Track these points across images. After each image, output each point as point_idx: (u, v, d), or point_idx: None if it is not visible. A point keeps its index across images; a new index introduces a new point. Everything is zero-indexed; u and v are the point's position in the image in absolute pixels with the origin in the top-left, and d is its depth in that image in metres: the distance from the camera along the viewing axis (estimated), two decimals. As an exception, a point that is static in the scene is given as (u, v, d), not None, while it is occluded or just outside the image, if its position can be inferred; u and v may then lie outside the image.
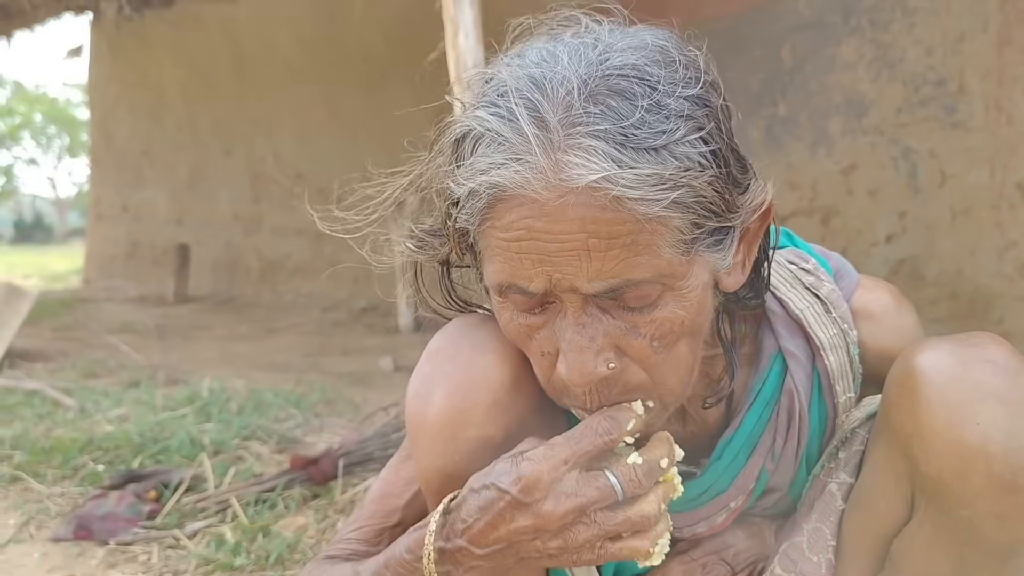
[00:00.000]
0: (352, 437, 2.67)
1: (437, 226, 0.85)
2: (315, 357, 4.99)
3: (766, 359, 0.94)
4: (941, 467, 0.76)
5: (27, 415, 3.35)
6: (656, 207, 0.70)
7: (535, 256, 0.72)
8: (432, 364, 0.88)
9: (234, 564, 1.96)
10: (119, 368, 4.44)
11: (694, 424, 0.95)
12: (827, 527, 0.90)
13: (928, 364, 0.79)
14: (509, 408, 0.85)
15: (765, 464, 0.93)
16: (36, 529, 2.28)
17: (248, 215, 8.60)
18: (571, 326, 0.75)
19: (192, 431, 2.90)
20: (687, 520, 0.96)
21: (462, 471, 0.84)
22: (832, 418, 0.94)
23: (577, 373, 0.75)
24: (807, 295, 0.94)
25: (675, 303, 0.75)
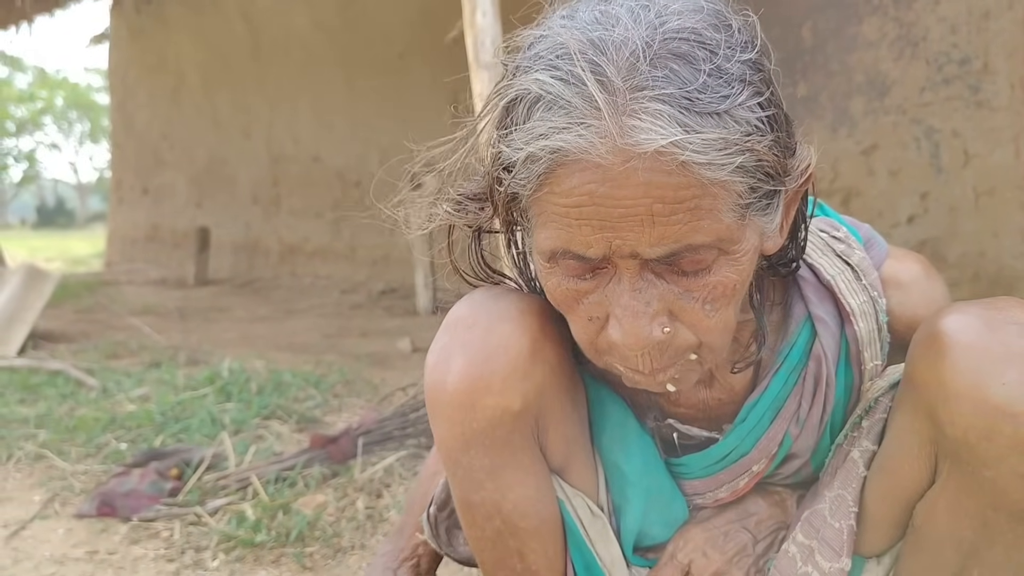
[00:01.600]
0: (371, 417, 2.68)
1: (480, 191, 0.84)
2: (334, 339, 5.01)
3: (795, 324, 0.93)
4: (966, 428, 0.75)
5: (51, 395, 3.39)
6: (722, 172, 0.69)
7: (596, 222, 0.71)
8: (451, 334, 0.88)
9: (255, 540, 1.97)
10: (140, 349, 4.48)
11: (720, 390, 0.94)
12: (849, 494, 0.89)
13: (954, 326, 0.78)
14: (528, 376, 0.84)
15: (789, 429, 0.92)
16: (60, 506, 2.30)
17: (267, 198, 8.64)
18: (627, 291, 0.75)
19: (213, 410, 2.93)
20: (709, 485, 0.96)
21: (480, 438, 0.85)
22: (858, 386, 0.93)
23: (633, 338, 0.75)
24: (838, 262, 0.93)
25: (728, 267, 0.75)
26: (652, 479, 0.94)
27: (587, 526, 0.94)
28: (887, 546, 0.91)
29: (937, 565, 0.85)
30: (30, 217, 46.09)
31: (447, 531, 1.06)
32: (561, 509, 0.93)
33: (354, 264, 7.77)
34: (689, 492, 0.98)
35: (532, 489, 0.89)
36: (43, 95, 39.48)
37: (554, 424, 0.89)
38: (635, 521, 0.95)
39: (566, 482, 0.93)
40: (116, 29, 10.45)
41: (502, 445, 0.86)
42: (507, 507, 0.89)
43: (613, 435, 0.95)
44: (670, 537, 0.97)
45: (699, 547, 0.95)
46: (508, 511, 0.89)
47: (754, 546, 0.95)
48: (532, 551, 0.92)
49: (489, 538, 0.92)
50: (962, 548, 0.82)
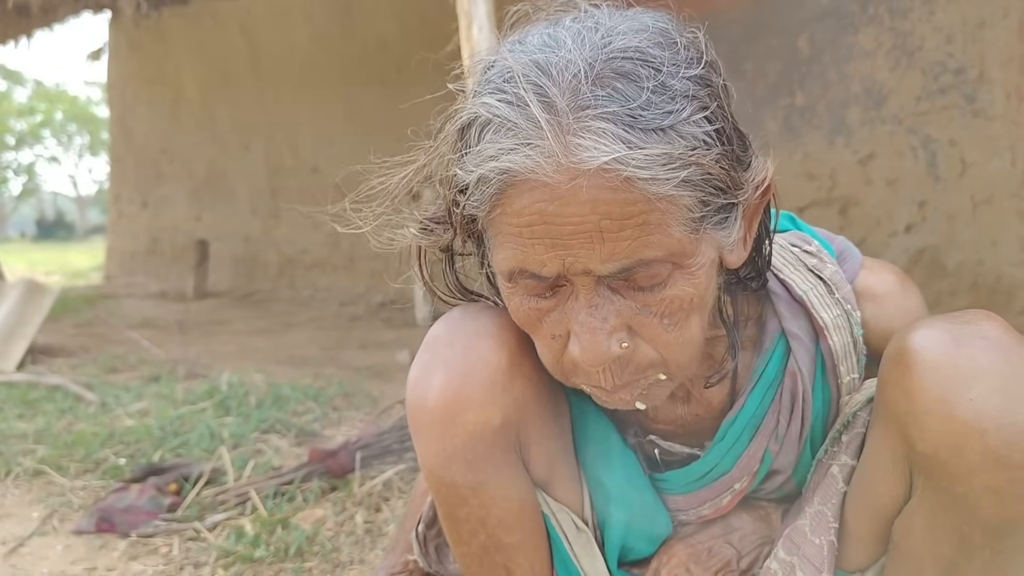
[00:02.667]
0: (370, 430, 2.69)
1: (441, 214, 0.86)
2: (333, 351, 5.02)
3: (769, 341, 0.94)
4: (936, 444, 0.76)
5: (49, 410, 3.40)
6: (667, 186, 0.71)
7: (548, 240, 0.73)
8: (431, 351, 0.90)
9: (254, 556, 1.98)
10: (140, 363, 4.49)
11: (698, 406, 0.95)
12: (829, 510, 0.90)
13: (921, 342, 0.79)
14: (507, 391, 0.86)
15: (769, 445, 0.93)
16: (59, 522, 2.31)
17: (266, 211, 8.66)
18: (584, 308, 0.76)
19: (212, 425, 2.93)
20: (692, 502, 0.96)
21: (461, 454, 0.86)
22: (836, 400, 0.94)
23: (591, 354, 0.76)
24: (810, 276, 0.94)
25: (684, 281, 0.76)
26: (635, 494, 0.95)
27: (572, 541, 0.95)
28: (869, 562, 0.91)
29: (917, 579, 0.86)
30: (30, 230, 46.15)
31: (436, 549, 1.07)
32: (546, 523, 0.94)
33: (353, 276, 7.78)
34: (672, 508, 0.98)
35: (516, 504, 0.90)
36: (42, 108, 39.59)
37: (536, 438, 0.90)
38: (618, 536, 0.96)
39: (550, 496, 0.94)
40: (115, 43, 10.50)
41: (484, 460, 0.87)
42: (492, 522, 0.90)
43: (596, 450, 0.96)
44: (654, 552, 0.98)
45: (683, 563, 0.96)
46: (493, 526, 0.90)
47: (738, 561, 0.96)
48: (518, 566, 0.93)
49: (475, 554, 0.93)
50: (941, 563, 0.83)
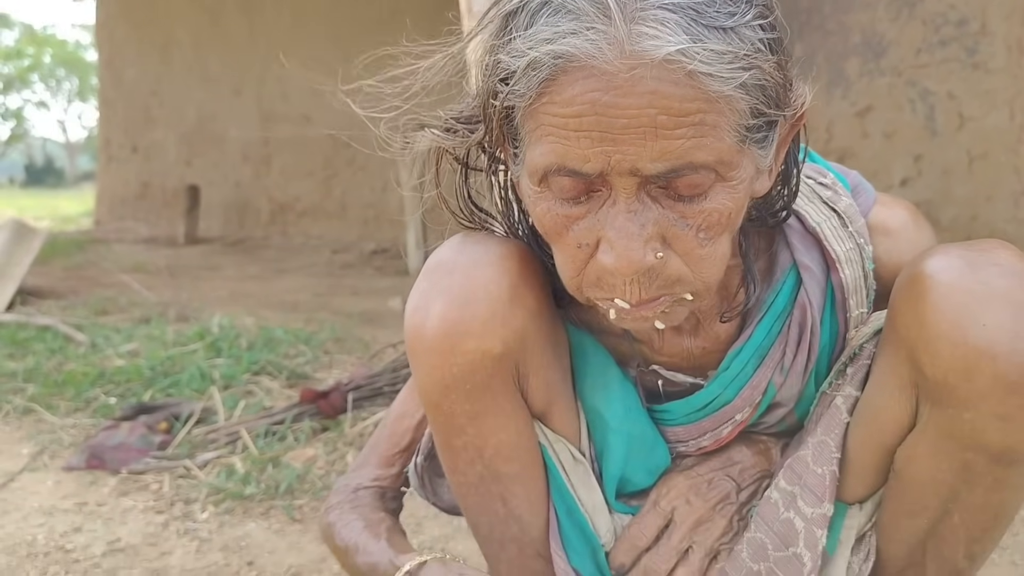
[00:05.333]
0: (361, 372, 2.69)
1: (471, 112, 0.82)
2: (325, 297, 5.01)
3: (780, 272, 0.92)
4: (946, 370, 0.75)
5: (39, 349, 3.38)
6: (728, 86, 0.68)
7: (596, 134, 0.69)
8: (430, 279, 0.87)
9: (244, 493, 1.98)
10: (130, 306, 4.46)
11: (705, 338, 0.94)
12: (831, 440, 0.89)
13: (935, 268, 0.78)
14: (507, 321, 0.84)
15: (773, 377, 0.92)
16: (49, 458, 2.31)
17: (257, 156, 8.57)
18: (622, 213, 0.73)
19: (202, 366, 2.92)
20: (692, 433, 0.95)
21: (460, 383, 0.84)
22: (843, 334, 0.93)
23: (625, 261, 0.73)
24: (824, 209, 0.92)
25: (725, 194, 0.74)
26: (634, 425, 0.94)
27: (569, 471, 0.94)
28: (869, 492, 0.91)
29: (918, 509, 0.85)
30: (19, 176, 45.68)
31: (431, 480, 1.07)
32: (543, 454, 0.93)
33: (345, 223, 7.74)
34: (672, 440, 0.97)
35: (513, 434, 0.89)
36: (30, 52, 38.95)
37: (535, 369, 0.88)
38: (617, 467, 0.95)
39: (548, 428, 0.93)
40: (103, -17, 10.29)
41: (482, 390, 0.85)
42: (489, 452, 0.89)
43: (594, 382, 0.94)
44: (653, 484, 0.97)
45: (682, 494, 0.95)
46: (490, 456, 0.89)
47: (737, 494, 0.96)
48: (515, 496, 0.92)
49: (472, 483, 0.92)
50: (942, 492, 0.83)
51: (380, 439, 1.12)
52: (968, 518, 0.83)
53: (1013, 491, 0.80)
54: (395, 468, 1.10)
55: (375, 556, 0.97)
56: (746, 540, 0.93)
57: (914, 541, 0.88)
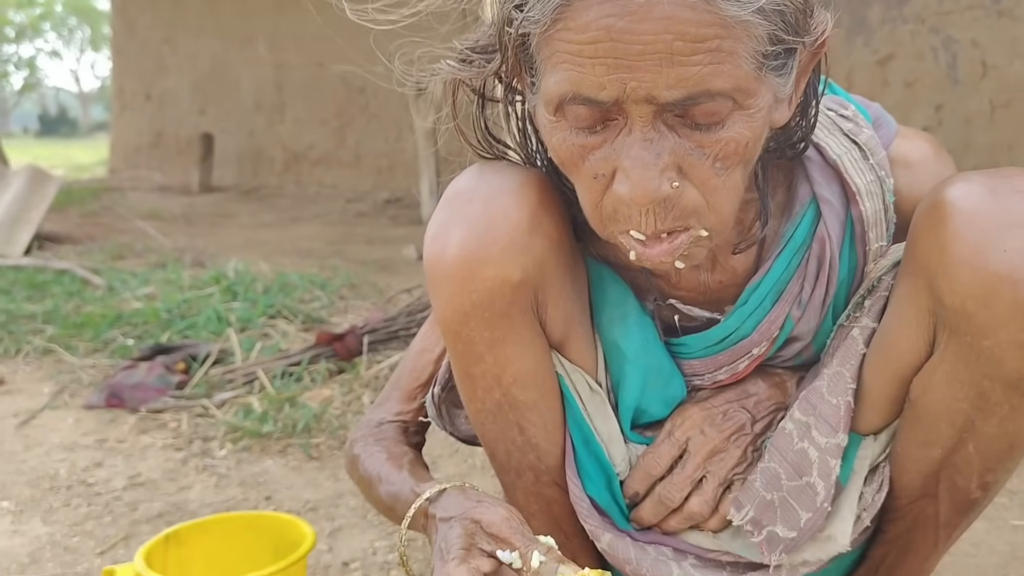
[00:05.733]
0: (377, 316, 2.70)
1: (487, 39, 0.81)
2: (339, 245, 5.02)
3: (799, 206, 0.91)
4: (965, 296, 0.75)
5: (57, 292, 3.41)
6: (746, 10, 0.67)
7: (611, 61, 0.68)
8: (450, 208, 0.87)
9: (262, 431, 2.01)
10: (146, 251, 4.49)
11: (722, 273, 0.93)
12: (847, 371, 0.89)
13: (956, 194, 0.77)
14: (527, 249, 0.83)
15: (791, 311, 0.92)
16: (70, 397, 2.34)
17: (271, 104, 8.53)
18: (637, 142, 0.72)
19: (219, 309, 2.94)
20: (708, 366, 0.95)
21: (479, 311, 0.84)
22: (862, 267, 0.92)
23: (640, 190, 0.73)
24: (845, 141, 0.91)
25: (742, 123, 0.73)
26: (650, 357, 0.94)
27: (586, 401, 0.94)
28: (884, 423, 0.91)
29: (933, 438, 0.85)
30: (33, 126, 45.72)
31: (448, 410, 1.07)
32: (560, 384, 0.93)
33: (359, 172, 7.72)
34: (688, 373, 0.97)
35: (531, 363, 0.89)
36: (42, 0, 38.66)
37: (553, 299, 0.88)
38: (633, 398, 0.95)
39: (565, 358, 0.93)
40: (114, -72, 10.17)
41: (501, 318, 0.85)
42: (506, 380, 0.90)
43: (612, 314, 0.94)
44: (668, 415, 0.98)
45: (697, 425, 0.96)
46: (507, 384, 0.90)
47: (752, 425, 0.96)
48: (531, 424, 0.93)
49: (489, 411, 0.93)
50: (957, 421, 0.83)
51: (402, 374, 1.13)
52: (983, 447, 0.83)
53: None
54: (417, 402, 1.10)
55: (397, 486, 0.98)
56: (760, 470, 0.93)
57: (928, 471, 0.89)
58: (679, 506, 0.96)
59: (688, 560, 0.96)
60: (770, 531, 0.91)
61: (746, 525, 0.93)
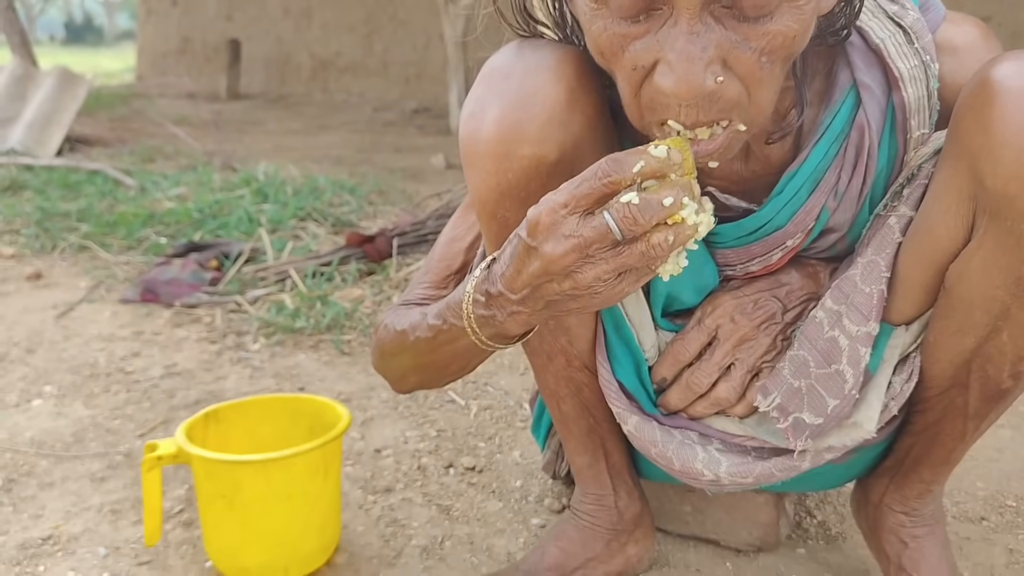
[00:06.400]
0: (406, 219, 2.71)
1: None
2: (367, 153, 5.00)
3: (839, 93, 0.89)
4: (1007, 179, 0.73)
5: (90, 192, 3.45)
6: None
7: None
8: (486, 84, 0.86)
9: (294, 327, 2.05)
10: (176, 154, 4.51)
11: (756, 162, 0.91)
12: (882, 259, 0.88)
13: (1004, 73, 0.74)
14: (564, 126, 0.82)
15: (827, 202, 0.90)
16: (106, 291, 2.39)
17: (298, 10, 8.40)
18: (683, 34, 0.70)
19: (250, 210, 2.97)
20: (741, 256, 0.95)
21: (516, 190, 0.84)
22: (901, 156, 0.90)
23: (685, 86, 0.70)
24: (889, 24, 0.88)
25: (791, 15, 0.71)
26: (684, 243, 0.94)
27: (618, 287, 0.94)
28: (917, 313, 0.91)
29: (967, 327, 0.85)
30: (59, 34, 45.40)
31: None
32: (592, 268, 0.93)
33: (387, 81, 7.63)
34: (721, 262, 0.97)
35: (566, 244, 0.89)
36: (66, -100, 37.92)
37: (590, 180, 0.87)
38: (664, 285, 0.95)
39: (598, 241, 0.93)
40: None
41: (538, 197, 0.85)
42: (541, 262, 0.89)
43: (647, 199, 0.94)
44: (699, 303, 0.98)
45: (727, 312, 0.96)
46: (542, 266, 0.90)
47: (783, 314, 0.96)
48: (564, 308, 0.93)
49: (522, 294, 0.93)
50: (993, 309, 0.82)
51: (431, 262, 1.12)
52: (1017, 335, 0.83)
53: (1064, 308, 0.79)
54: (448, 289, 1.09)
55: (439, 305, 0.91)
56: (788, 357, 0.94)
57: (959, 361, 0.89)
58: (706, 392, 0.97)
59: (713, 444, 0.98)
60: (796, 417, 0.92)
61: (773, 411, 0.93)
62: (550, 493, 1.35)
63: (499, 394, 1.73)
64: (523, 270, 0.76)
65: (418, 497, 1.35)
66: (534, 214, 0.74)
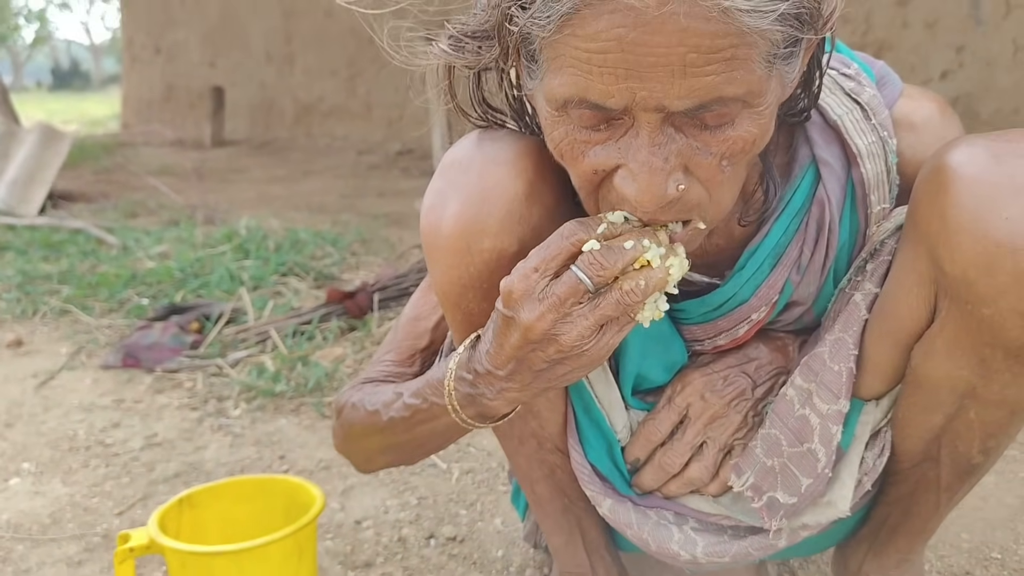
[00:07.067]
0: (388, 272, 2.71)
1: (483, 28, 0.77)
2: (351, 199, 5.01)
3: (799, 168, 0.90)
4: (966, 265, 0.73)
5: (72, 252, 3.44)
6: (765, 20, 0.64)
7: (622, 70, 0.66)
8: (445, 177, 0.86)
9: (275, 390, 2.04)
10: (159, 208, 4.51)
11: (720, 237, 0.92)
12: (849, 337, 0.88)
13: (958, 159, 0.75)
14: (524, 219, 0.83)
15: (790, 276, 0.91)
16: (87, 357, 2.37)
17: (281, 55, 8.45)
18: (645, 146, 0.70)
19: (231, 267, 2.96)
20: (708, 331, 0.95)
21: (478, 282, 0.84)
22: (863, 231, 0.91)
23: (649, 196, 0.71)
24: (846, 101, 0.88)
25: (751, 121, 0.71)
26: (650, 323, 0.94)
27: (586, 369, 0.94)
28: (886, 389, 0.91)
29: (934, 405, 0.85)
30: (46, 80, 45.62)
31: None
32: (560, 353, 0.93)
33: (370, 124, 7.66)
34: (688, 338, 0.97)
35: (531, 332, 0.89)
36: (50, -50, 38.26)
37: (552, 268, 0.87)
38: (633, 364, 0.95)
39: (565, 325, 0.93)
40: None
41: (499, 289, 0.85)
42: (506, 350, 0.89)
43: (612, 280, 0.94)
44: (669, 381, 0.98)
45: (697, 390, 0.96)
46: (508, 354, 0.90)
47: (753, 390, 0.96)
48: (532, 392, 0.93)
49: (490, 381, 0.93)
50: (959, 388, 0.82)
51: (395, 340, 1.10)
52: (984, 414, 0.83)
53: (1030, 385, 0.79)
54: (415, 367, 1.09)
55: (419, 382, 0.92)
56: (760, 436, 0.93)
57: (929, 436, 0.89)
58: (680, 472, 0.96)
59: (689, 524, 0.97)
60: (771, 497, 0.92)
61: (747, 491, 0.93)
62: (531, 563, 1.34)
63: (482, 455, 1.72)
64: (505, 343, 0.77)
65: (398, 572, 1.34)
66: (507, 283, 0.75)
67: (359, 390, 1.04)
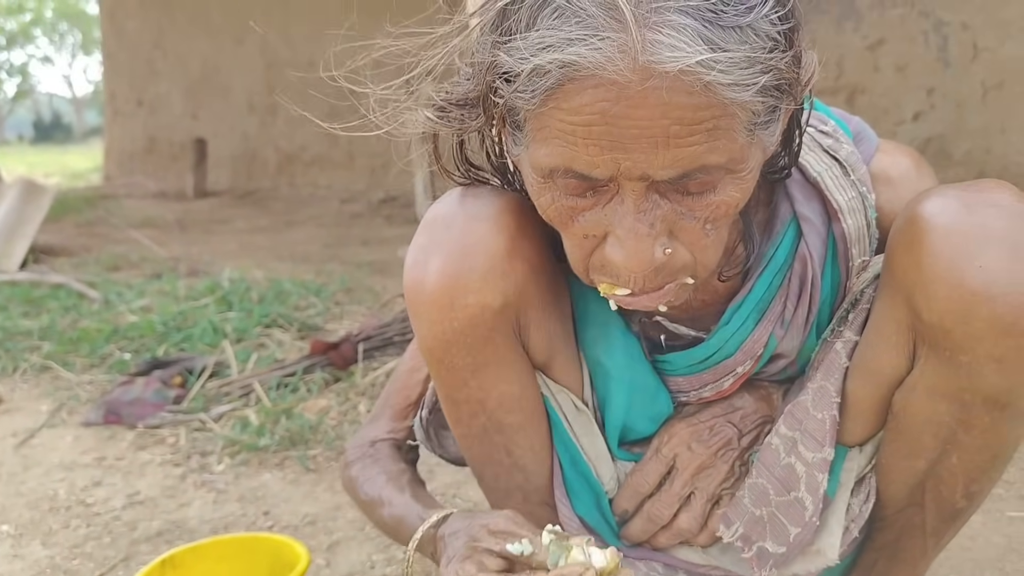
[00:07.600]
0: (372, 322, 2.70)
1: (468, 97, 0.78)
2: (334, 248, 5.02)
3: (780, 225, 0.91)
4: (942, 313, 0.75)
5: (53, 307, 3.41)
6: (747, 93, 0.66)
7: (606, 142, 0.67)
8: (428, 234, 0.87)
9: (259, 445, 2.02)
10: (141, 261, 4.49)
11: (704, 291, 0.93)
12: (831, 385, 0.89)
13: (931, 210, 0.77)
14: (506, 274, 0.84)
15: (774, 330, 0.92)
16: (68, 415, 2.35)
17: (263, 107, 8.51)
18: (630, 213, 0.72)
19: (214, 320, 2.95)
20: (693, 384, 0.96)
21: (462, 337, 0.85)
22: (844, 284, 0.92)
23: (635, 261, 0.73)
24: (825, 158, 0.91)
25: (733, 186, 0.73)
26: (635, 374, 0.94)
27: (572, 421, 0.95)
28: (868, 435, 0.92)
29: (917, 450, 0.86)
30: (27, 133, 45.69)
31: (436, 432, 1.08)
32: (546, 405, 0.94)
33: (353, 173, 7.70)
34: (673, 389, 0.98)
35: (516, 386, 0.90)
36: (31, 6, 38.55)
37: (536, 321, 0.88)
38: (619, 415, 0.96)
39: (550, 378, 0.93)
40: (101, -67, 10.13)
41: (483, 343, 0.86)
42: (491, 404, 0.90)
43: (596, 332, 0.95)
44: (655, 432, 0.98)
45: (684, 441, 0.96)
46: (493, 408, 0.90)
47: (739, 440, 0.96)
48: (518, 446, 0.93)
49: (476, 435, 0.93)
50: (940, 433, 0.83)
51: (392, 392, 1.14)
52: (966, 459, 0.84)
53: (1010, 431, 0.81)
54: (408, 421, 1.11)
55: (400, 509, 0.99)
56: (748, 485, 0.94)
57: (913, 482, 0.89)
58: (668, 523, 0.96)
59: (679, 575, 0.97)
60: (760, 546, 0.92)
61: (736, 541, 0.93)
62: (522, 618, 1.32)
63: (468, 506, 1.70)
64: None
65: (386, 631, 1.32)
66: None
67: (360, 463, 1.10)
